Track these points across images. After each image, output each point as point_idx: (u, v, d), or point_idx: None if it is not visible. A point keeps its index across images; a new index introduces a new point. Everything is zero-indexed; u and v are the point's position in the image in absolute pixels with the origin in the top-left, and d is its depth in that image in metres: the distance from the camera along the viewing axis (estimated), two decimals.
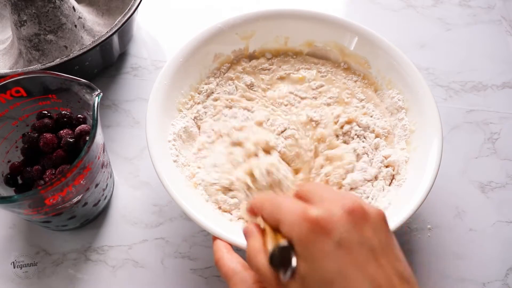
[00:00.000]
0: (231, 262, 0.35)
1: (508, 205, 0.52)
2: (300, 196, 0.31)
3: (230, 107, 0.51)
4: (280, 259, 0.27)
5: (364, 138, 0.49)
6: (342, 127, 0.49)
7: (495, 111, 0.60)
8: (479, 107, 0.60)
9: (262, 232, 0.31)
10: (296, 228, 0.27)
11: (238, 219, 0.44)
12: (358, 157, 0.48)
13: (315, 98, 0.52)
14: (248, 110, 0.51)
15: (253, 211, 0.32)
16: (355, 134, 0.49)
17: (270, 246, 0.29)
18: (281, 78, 0.54)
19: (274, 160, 0.45)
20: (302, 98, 0.52)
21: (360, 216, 0.27)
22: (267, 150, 0.47)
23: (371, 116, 0.51)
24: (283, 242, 0.28)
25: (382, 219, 0.28)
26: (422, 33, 0.68)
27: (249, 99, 0.52)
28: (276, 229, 0.29)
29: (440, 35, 0.68)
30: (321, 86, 0.53)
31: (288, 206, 0.29)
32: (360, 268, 0.26)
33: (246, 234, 0.32)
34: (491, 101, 0.61)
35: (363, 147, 0.48)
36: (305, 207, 0.28)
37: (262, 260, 0.29)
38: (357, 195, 0.45)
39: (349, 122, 0.49)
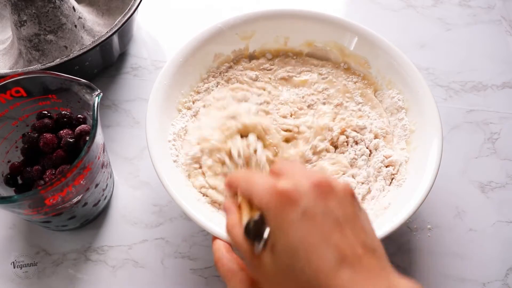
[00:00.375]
0: (231, 262, 0.35)
1: (508, 205, 0.52)
2: (273, 172, 0.32)
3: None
4: (254, 231, 0.29)
5: (361, 140, 0.49)
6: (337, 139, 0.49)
7: (495, 111, 0.60)
8: (479, 107, 0.60)
9: (240, 207, 0.33)
10: (266, 200, 0.29)
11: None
12: (354, 161, 0.47)
13: (324, 103, 0.52)
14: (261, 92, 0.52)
15: (230, 186, 0.34)
16: (354, 141, 0.49)
17: (245, 219, 0.30)
18: (283, 79, 0.54)
19: (252, 141, 0.45)
20: (311, 105, 0.52)
21: (326, 189, 0.28)
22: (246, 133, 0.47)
23: (368, 117, 0.51)
24: (256, 215, 0.29)
25: (348, 193, 0.29)
26: (422, 33, 0.68)
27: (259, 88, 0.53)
28: (251, 203, 0.31)
29: (440, 35, 0.68)
30: (326, 89, 0.52)
31: (259, 180, 0.31)
32: (324, 237, 0.27)
33: (225, 210, 0.34)
34: (491, 101, 0.61)
35: (359, 149, 0.48)
36: (274, 180, 0.30)
37: (238, 233, 0.30)
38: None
39: (342, 132, 0.49)
